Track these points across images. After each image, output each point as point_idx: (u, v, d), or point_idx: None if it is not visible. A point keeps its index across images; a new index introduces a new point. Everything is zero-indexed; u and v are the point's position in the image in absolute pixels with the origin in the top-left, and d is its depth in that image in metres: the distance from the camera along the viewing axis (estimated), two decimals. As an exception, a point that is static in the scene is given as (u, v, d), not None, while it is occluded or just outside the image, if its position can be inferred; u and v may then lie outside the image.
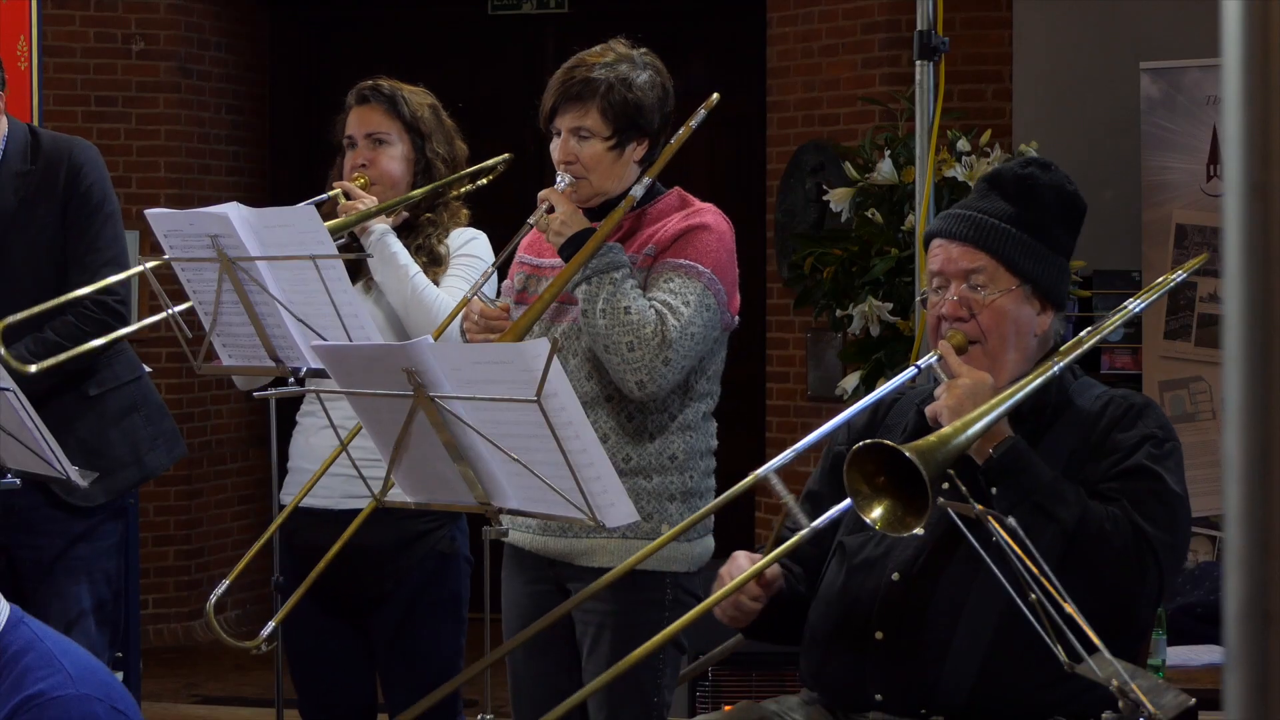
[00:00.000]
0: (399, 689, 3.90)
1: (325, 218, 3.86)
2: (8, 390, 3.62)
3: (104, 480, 4.06)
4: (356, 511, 3.50)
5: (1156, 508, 2.89)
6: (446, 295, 3.81)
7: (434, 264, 3.88)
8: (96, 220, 4.10)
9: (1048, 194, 3.10)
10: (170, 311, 3.61)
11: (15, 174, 4.09)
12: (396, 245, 3.86)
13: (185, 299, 3.70)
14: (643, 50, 3.57)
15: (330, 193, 3.94)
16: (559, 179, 3.48)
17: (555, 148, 3.51)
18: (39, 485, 3.99)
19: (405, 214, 3.97)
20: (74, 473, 3.69)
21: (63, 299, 3.95)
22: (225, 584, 3.56)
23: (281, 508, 3.87)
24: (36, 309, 3.90)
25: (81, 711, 2.66)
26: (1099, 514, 2.86)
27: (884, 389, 3.06)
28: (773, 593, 3.03)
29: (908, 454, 2.60)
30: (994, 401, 2.83)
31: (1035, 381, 2.93)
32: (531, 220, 3.47)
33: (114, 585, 4.23)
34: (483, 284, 3.52)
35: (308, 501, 3.79)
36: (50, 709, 2.65)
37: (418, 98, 4.01)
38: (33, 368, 3.83)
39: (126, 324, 4.13)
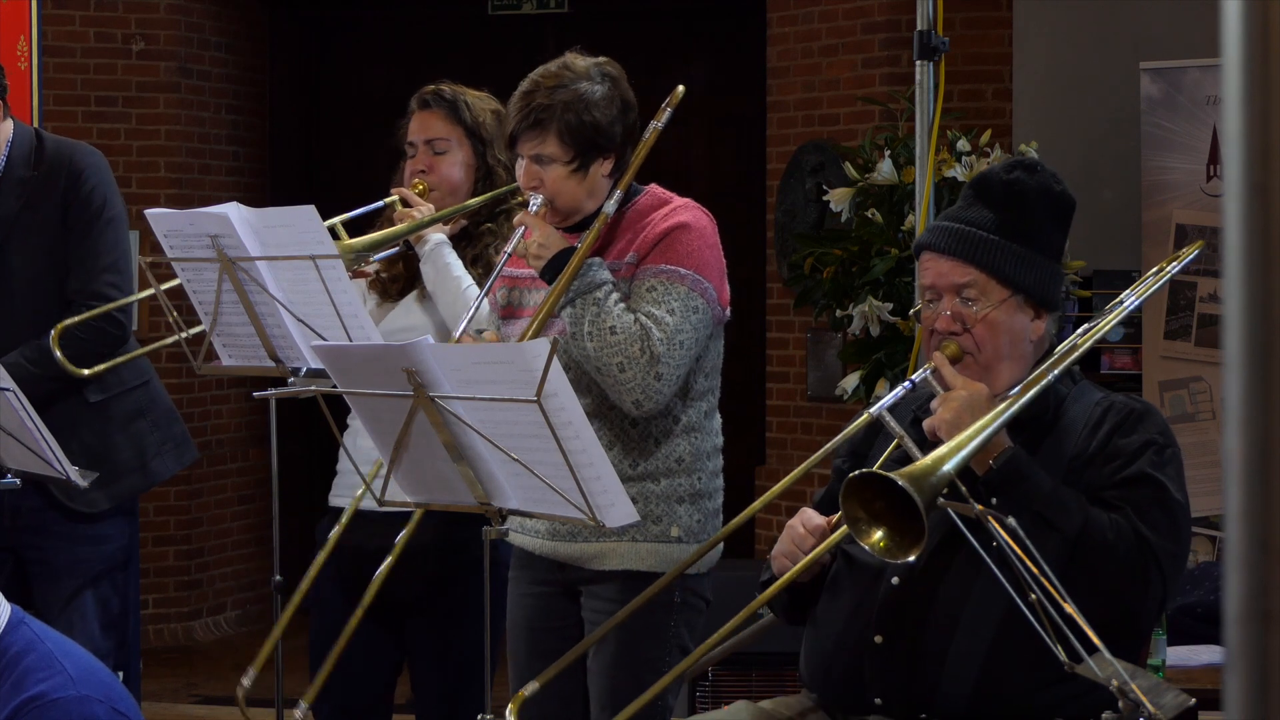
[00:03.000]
0: (431, 694, 3.90)
1: (384, 225, 3.85)
2: (8, 390, 3.62)
3: (109, 486, 4.06)
4: (404, 515, 3.46)
5: (1159, 516, 2.89)
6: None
7: (489, 275, 3.84)
8: (96, 226, 4.08)
9: (1035, 197, 3.07)
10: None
11: (18, 179, 4.08)
12: (451, 256, 3.80)
13: (185, 299, 3.71)
14: (601, 60, 3.51)
15: (387, 199, 3.90)
16: (531, 201, 3.44)
17: (519, 172, 3.49)
18: (44, 488, 3.99)
19: (464, 222, 3.91)
20: (74, 473, 3.70)
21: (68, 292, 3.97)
22: (252, 673, 3.55)
23: (328, 510, 3.87)
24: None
25: (82, 713, 2.66)
26: (1101, 522, 2.85)
27: (878, 408, 3.03)
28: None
29: (902, 483, 2.60)
30: (989, 418, 2.81)
31: (1030, 393, 2.91)
32: (509, 249, 3.46)
33: (120, 590, 4.22)
34: (472, 315, 3.46)
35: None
36: (51, 710, 2.65)
37: (481, 103, 3.93)
38: (85, 372, 3.90)
39: (125, 341, 4.13)
